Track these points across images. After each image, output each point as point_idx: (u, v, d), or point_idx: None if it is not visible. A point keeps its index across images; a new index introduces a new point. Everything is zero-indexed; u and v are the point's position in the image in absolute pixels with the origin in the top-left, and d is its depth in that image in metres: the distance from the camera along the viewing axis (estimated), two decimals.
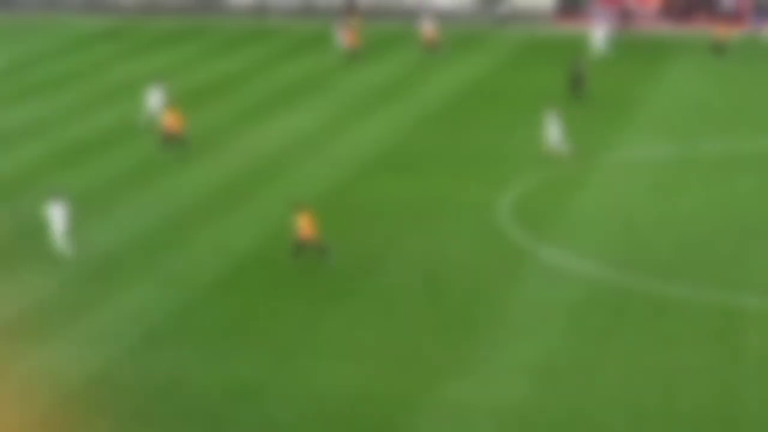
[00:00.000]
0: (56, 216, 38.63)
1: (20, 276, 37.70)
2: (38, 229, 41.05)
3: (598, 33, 72.60)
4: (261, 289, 36.10)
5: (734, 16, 79.75)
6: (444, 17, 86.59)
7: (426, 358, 31.07)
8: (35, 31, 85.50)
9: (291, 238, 39.08)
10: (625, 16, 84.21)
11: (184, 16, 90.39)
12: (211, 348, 32.02)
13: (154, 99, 55.00)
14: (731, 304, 34.28)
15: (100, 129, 55.49)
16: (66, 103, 62.18)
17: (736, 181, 46.09)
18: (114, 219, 42.97)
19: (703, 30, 75.69)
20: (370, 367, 30.61)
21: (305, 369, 30.63)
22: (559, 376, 29.93)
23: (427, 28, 72.94)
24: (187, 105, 61.24)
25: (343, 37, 70.84)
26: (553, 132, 48.58)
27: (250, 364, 31.00)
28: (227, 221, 39.56)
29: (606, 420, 27.78)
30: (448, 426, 27.64)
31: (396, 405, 28.63)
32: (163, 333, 33.15)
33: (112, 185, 47.19)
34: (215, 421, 28.07)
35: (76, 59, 74.67)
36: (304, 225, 37.32)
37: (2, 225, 40.54)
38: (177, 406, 28.84)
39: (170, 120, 50.69)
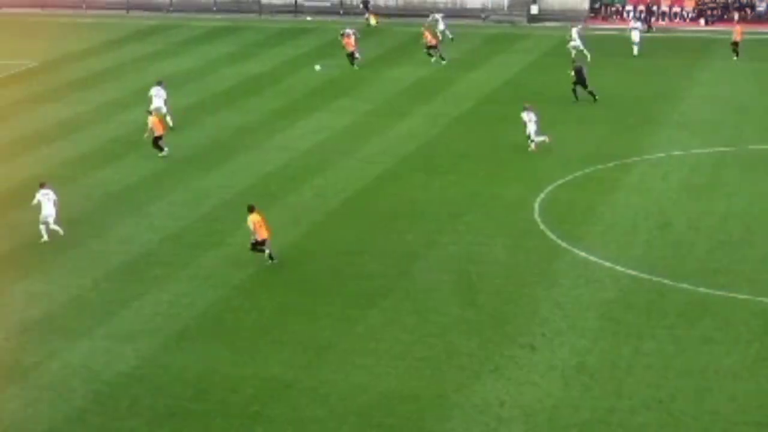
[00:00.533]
0: (47, 203, 40.38)
1: (55, 272, 37.89)
2: (73, 226, 41.21)
3: (634, 33, 72.25)
4: (294, 288, 36.11)
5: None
6: (476, 15, 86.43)
7: (458, 357, 31.00)
8: (69, 30, 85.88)
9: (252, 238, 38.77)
10: (656, 15, 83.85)
11: (220, 14, 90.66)
12: (243, 346, 32.07)
13: (157, 100, 55.23)
14: (767, 304, 34.07)
15: (135, 127, 55.63)
16: (101, 102, 62.39)
17: None
18: (148, 217, 43.11)
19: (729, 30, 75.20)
20: (403, 366, 30.57)
21: (337, 367, 30.63)
22: (592, 377, 29.81)
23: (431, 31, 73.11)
24: (220, 104, 61.39)
25: (346, 39, 70.75)
26: (530, 127, 49.71)
27: (283, 362, 31.02)
28: None
29: (638, 421, 27.66)
30: (479, 426, 27.58)
31: (427, 404, 28.59)
32: (196, 331, 33.23)
33: (147, 183, 47.36)
34: (247, 419, 28.11)
35: (112, 57, 74.93)
36: (258, 225, 37.37)
37: (39, 222, 40.73)
38: (209, 403, 28.90)
39: (154, 122, 50.97)
